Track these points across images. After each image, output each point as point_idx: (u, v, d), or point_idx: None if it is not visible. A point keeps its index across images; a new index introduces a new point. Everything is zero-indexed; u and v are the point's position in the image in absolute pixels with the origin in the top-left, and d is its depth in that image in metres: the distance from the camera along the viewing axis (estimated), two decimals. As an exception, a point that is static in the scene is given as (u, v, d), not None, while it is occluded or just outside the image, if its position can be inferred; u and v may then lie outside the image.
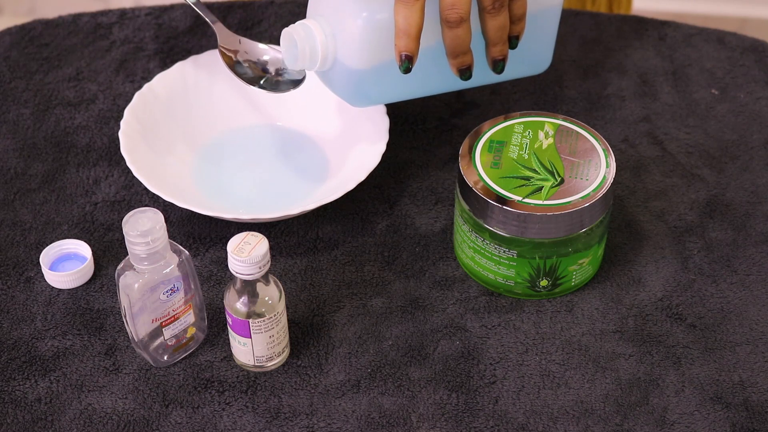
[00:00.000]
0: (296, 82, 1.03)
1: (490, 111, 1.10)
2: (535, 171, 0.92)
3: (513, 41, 0.97)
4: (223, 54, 1.03)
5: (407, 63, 0.92)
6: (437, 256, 0.99)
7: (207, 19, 1.05)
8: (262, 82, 1.03)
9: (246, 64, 1.04)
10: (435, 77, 0.98)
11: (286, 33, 0.95)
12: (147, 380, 0.90)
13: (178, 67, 1.08)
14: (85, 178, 1.05)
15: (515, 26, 0.96)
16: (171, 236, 0.99)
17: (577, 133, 0.95)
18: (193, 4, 1.05)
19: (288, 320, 0.93)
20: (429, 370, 0.91)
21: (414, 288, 0.97)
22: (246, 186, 1.04)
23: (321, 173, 1.04)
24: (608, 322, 0.94)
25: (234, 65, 1.03)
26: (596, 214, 0.91)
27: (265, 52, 1.05)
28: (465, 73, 0.95)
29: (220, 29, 1.04)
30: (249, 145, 1.07)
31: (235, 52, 1.05)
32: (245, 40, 1.05)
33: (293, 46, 0.95)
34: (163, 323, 0.89)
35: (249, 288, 0.87)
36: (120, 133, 1.01)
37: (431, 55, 0.95)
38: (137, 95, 1.05)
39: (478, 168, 0.92)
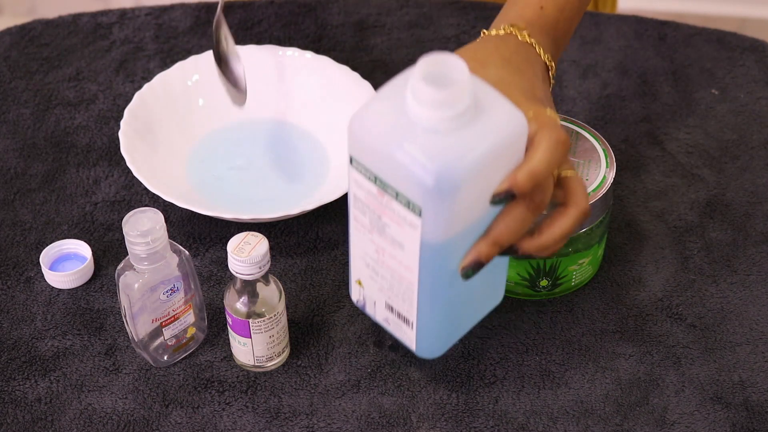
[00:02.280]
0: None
1: (490, 111, 1.10)
2: (535, 171, 0.92)
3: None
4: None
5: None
6: (437, 256, 0.99)
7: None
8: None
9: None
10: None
11: None
12: (147, 380, 0.90)
13: (178, 67, 1.08)
14: (85, 178, 1.05)
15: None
16: (171, 236, 0.99)
17: (577, 133, 0.95)
18: None
19: (288, 320, 0.93)
20: (429, 370, 0.91)
21: (414, 288, 0.96)
22: (246, 186, 1.04)
23: (321, 173, 1.04)
24: (608, 322, 0.94)
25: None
26: (596, 214, 0.91)
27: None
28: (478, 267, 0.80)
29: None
30: (249, 144, 1.07)
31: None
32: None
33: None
34: (163, 323, 0.89)
35: (249, 288, 0.87)
36: (120, 133, 1.01)
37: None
38: (137, 95, 1.05)
39: (478, 168, 0.92)
